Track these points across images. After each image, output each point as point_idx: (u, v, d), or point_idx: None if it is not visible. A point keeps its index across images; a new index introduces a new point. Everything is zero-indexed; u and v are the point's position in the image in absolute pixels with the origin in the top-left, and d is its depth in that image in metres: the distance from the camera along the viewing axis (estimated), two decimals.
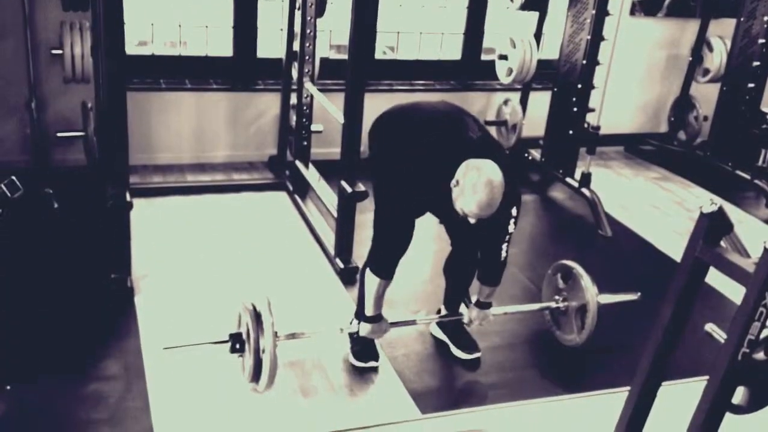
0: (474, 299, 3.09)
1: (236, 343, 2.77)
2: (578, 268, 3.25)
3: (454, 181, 2.55)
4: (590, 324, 3.18)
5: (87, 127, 3.98)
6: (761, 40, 5.15)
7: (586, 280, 3.20)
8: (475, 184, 2.47)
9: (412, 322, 3.25)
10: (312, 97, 4.46)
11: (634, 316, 3.37)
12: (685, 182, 5.48)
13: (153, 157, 4.78)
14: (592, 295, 3.17)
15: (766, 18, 5.12)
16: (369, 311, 2.88)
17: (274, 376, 2.70)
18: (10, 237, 3.55)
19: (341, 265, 3.74)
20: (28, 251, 3.65)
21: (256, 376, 2.72)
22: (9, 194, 3.30)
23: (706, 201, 2.05)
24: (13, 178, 3.18)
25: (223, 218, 4.29)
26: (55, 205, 3.96)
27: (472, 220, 2.55)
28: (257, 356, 2.67)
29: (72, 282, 3.44)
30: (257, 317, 2.69)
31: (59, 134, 4.20)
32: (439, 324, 3.31)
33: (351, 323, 3.10)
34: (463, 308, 3.23)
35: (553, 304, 3.34)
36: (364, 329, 2.93)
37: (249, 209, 4.45)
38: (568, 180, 4.93)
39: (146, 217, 4.10)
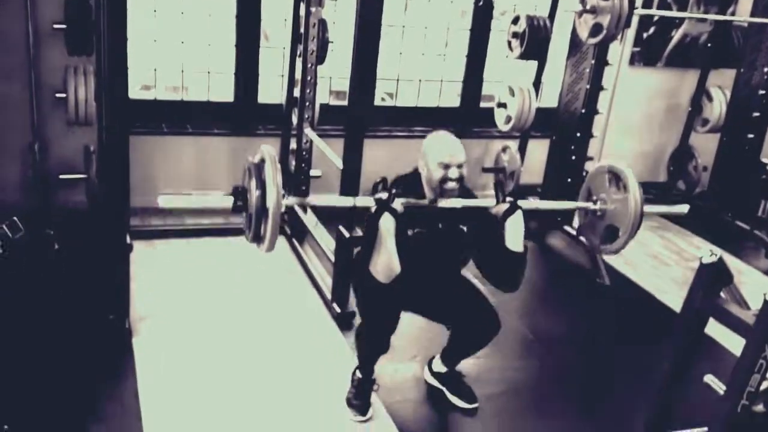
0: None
1: (239, 198, 2.54)
2: (627, 171, 2.94)
3: (419, 164, 2.87)
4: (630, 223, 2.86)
5: (89, 170, 3.99)
6: (761, 91, 5.20)
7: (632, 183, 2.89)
8: (430, 136, 2.87)
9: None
10: (311, 142, 4.49)
11: (638, 368, 3.34)
12: (684, 232, 5.47)
13: (153, 199, 4.77)
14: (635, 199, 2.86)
15: (766, 69, 5.17)
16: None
17: (276, 237, 2.48)
18: (10, 277, 3.54)
19: (338, 310, 3.73)
20: (29, 292, 3.64)
21: (257, 234, 2.51)
22: (10, 235, 3.31)
23: (706, 252, 2.05)
24: (15, 218, 3.20)
25: (221, 262, 4.29)
26: (56, 246, 3.95)
27: (453, 173, 2.76)
28: (260, 210, 2.45)
29: (71, 323, 3.43)
30: (260, 171, 2.47)
31: (62, 176, 4.21)
32: (432, 373, 3.29)
33: (354, 373, 3.08)
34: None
35: (590, 205, 3.05)
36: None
37: (247, 253, 4.41)
38: (566, 228, 4.93)
39: (146, 260, 4.10)
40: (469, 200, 2.87)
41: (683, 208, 3.19)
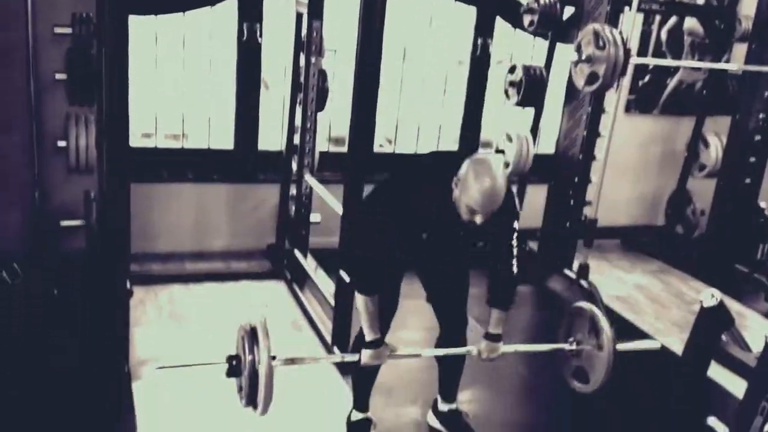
0: (483, 332, 2.97)
1: (233, 364, 2.63)
2: (595, 311, 3.00)
3: (455, 180, 2.61)
4: (602, 372, 2.90)
5: (89, 217, 4.00)
6: (757, 137, 5.20)
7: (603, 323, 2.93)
8: (478, 171, 2.55)
9: (416, 356, 3.20)
10: (311, 188, 4.52)
11: (640, 410, 3.32)
12: (683, 275, 5.46)
13: (153, 245, 4.79)
14: (608, 338, 2.89)
15: (761, 115, 5.16)
16: (367, 336, 2.83)
17: (270, 400, 2.58)
18: (9, 323, 3.54)
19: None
20: (27, 336, 3.64)
21: (252, 399, 2.60)
22: (9, 280, 3.32)
23: (707, 294, 2.06)
24: (15, 265, 3.21)
25: (221, 306, 4.28)
26: (56, 292, 3.95)
27: (478, 220, 2.58)
28: (253, 379, 2.56)
29: (71, 368, 3.42)
30: (253, 339, 2.60)
31: (62, 223, 4.22)
32: (436, 415, 3.27)
33: (350, 414, 3.06)
34: (472, 339, 3.07)
35: (566, 346, 3.08)
36: (366, 356, 2.84)
37: (247, 298, 4.44)
38: (566, 272, 4.93)
39: (146, 305, 4.10)
40: None
41: (655, 344, 3.13)
